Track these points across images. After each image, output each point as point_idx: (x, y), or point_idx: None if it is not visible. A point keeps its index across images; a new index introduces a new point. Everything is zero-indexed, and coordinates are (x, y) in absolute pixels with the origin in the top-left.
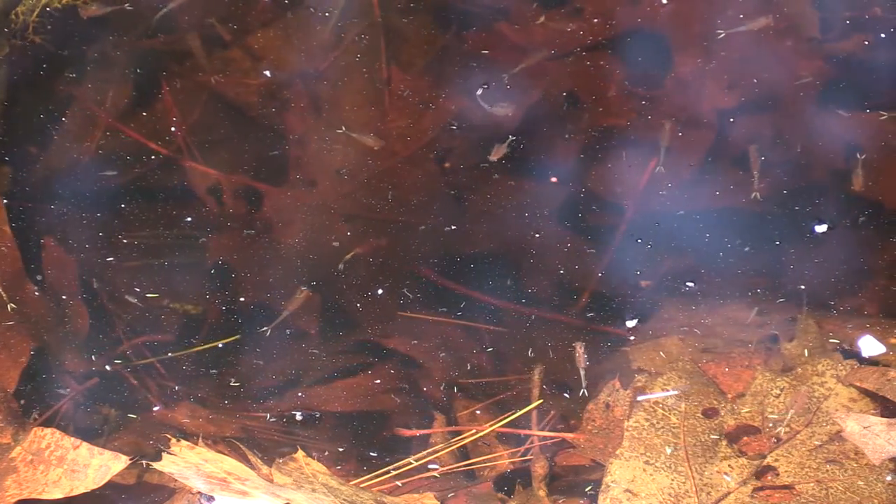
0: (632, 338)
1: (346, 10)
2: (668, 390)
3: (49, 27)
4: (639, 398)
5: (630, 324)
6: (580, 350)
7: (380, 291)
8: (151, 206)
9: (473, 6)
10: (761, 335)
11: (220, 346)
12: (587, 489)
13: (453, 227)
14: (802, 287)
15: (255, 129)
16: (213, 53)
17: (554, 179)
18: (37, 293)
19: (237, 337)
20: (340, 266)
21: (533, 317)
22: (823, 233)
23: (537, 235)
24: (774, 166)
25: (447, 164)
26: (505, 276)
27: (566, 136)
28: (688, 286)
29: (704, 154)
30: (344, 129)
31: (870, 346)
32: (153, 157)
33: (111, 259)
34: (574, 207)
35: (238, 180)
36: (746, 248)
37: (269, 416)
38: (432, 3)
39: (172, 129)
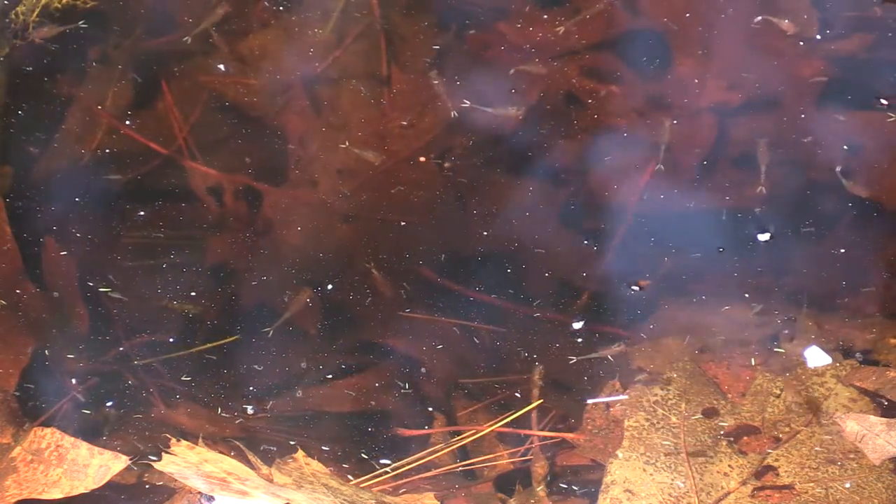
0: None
1: (346, 10)
2: (619, 394)
3: (49, 27)
4: (588, 401)
5: (576, 325)
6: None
7: (380, 291)
8: (151, 206)
9: (473, 6)
10: (761, 335)
11: (220, 346)
12: (587, 489)
13: (453, 227)
14: (803, 287)
15: (255, 129)
16: (213, 53)
17: (554, 179)
18: (37, 293)
19: (237, 337)
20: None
21: (533, 317)
22: (766, 241)
23: (537, 235)
24: (776, 165)
25: (447, 164)
26: (505, 275)
27: (566, 135)
28: (688, 286)
29: (706, 152)
30: (347, 143)
31: (815, 356)
32: (153, 157)
33: (111, 259)
34: (574, 207)
35: (238, 180)
36: (747, 248)
37: (269, 416)
38: (432, 2)
39: (173, 129)
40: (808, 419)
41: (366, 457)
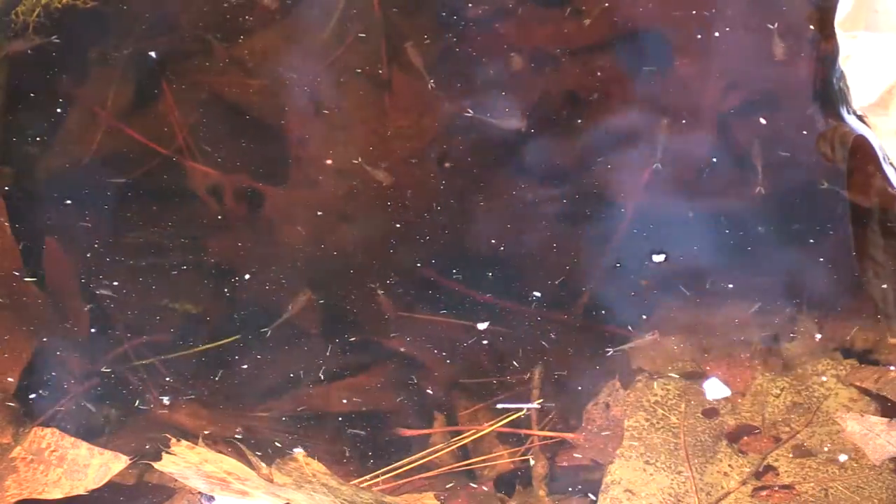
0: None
1: (346, 10)
2: (529, 403)
3: (49, 27)
4: (497, 405)
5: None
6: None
7: (380, 291)
8: (152, 206)
9: (474, 6)
10: (761, 335)
11: (220, 346)
12: (587, 489)
13: (453, 227)
14: (803, 287)
15: (255, 129)
16: (213, 53)
17: (554, 178)
18: (37, 293)
19: (237, 337)
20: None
21: (533, 317)
22: (661, 262)
23: (537, 235)
24: (774, 165)
25: (447, 164)
26: (505, 275)
27: (566, 135)
28: (688, 286)
29: (705, 152)
30: (360, 159)
31: (714, 388)
32: (153, 157)
33: (111, 259)
34: (574, 207)
35: (238, 180)
36: (748, 247)
37: (269, 415)
38: (432, 3)
39: (173, 129)
40: (808, 419)
41: (366, 457)
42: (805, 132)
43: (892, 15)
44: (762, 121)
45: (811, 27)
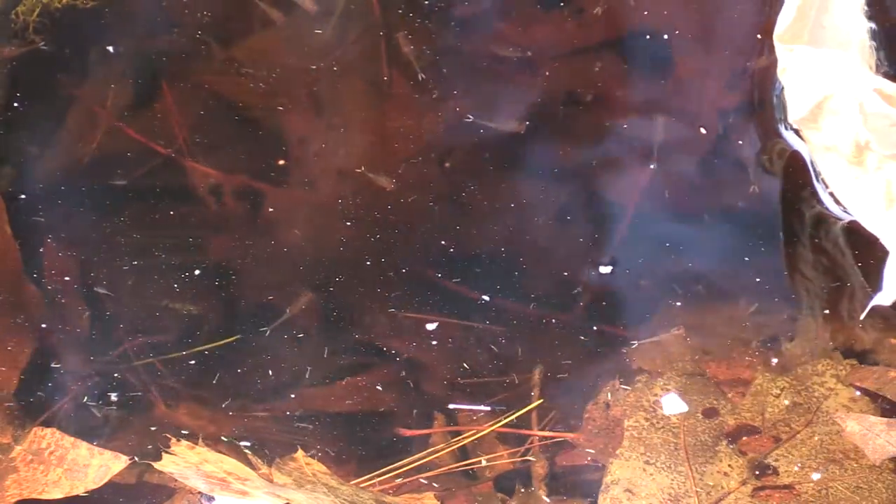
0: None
1: (346, 11)
2: (481, 405)
3: (49, 27)
4: (450, 406)
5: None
6: None
7: (380, 291)
8: (152, 206)
9: (474, 6)
10: (761, 335)
11: (221, 346)
12: (587, 489)
13: (454, 227)
14: (803, 287)
15: (255, 129)
16: (213, 54)
17: (555, 179)
18: (37, 293)
19: (237, 337)
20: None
21: (533, 317)
22: (608, 273)
23: (537, 235)
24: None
25: (447, 164)
26: (505, 275)
27: (566, 135)
28: (688, 286)
29: (702, 152)
30: (363, 168)
31: (672, 403)
32: (153, 157)
33: (111, 259)
34: (574, 207)
35: (238, 180)
36: (747, 247)
37: (269, 415)
38: (432, 3)
39: (173, 129)
40: (808, 419)
41: (366, 457)
42: (741, 142)
43: (839, 31)
44: (703, 130)
45: (758, 36)
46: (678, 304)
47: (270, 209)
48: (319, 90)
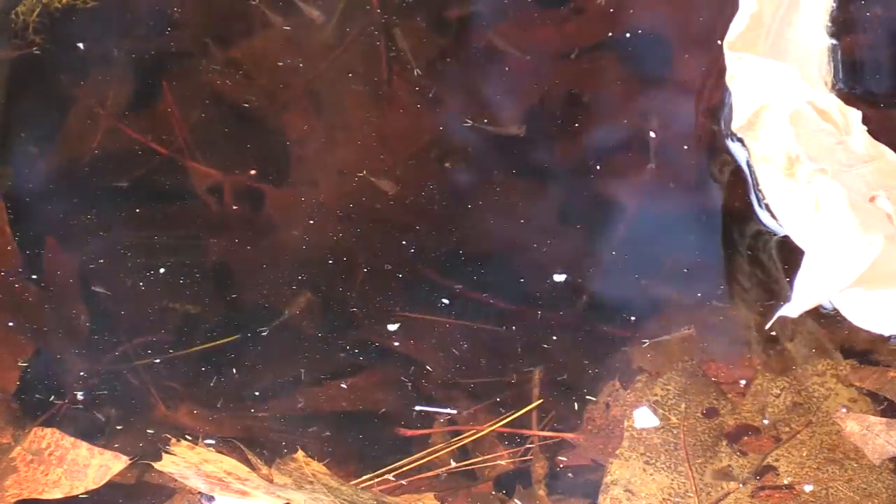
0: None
1: (346, 11)
2: (445, 408)
3: (49, 27)
4: (416, 407)
5: (392, 327)
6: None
7: (380, 291)
8: (152, 206)
9: (474, 6)
10: (761, 335)
11: (221, 346)
12: (587, 489)
13: (453, 227)
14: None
15: (255, 129)
16: (213, 54)
17: (554, 178)
18: (37, 293)
19: (237, 337)
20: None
21: (533, 317)
22: (562, 282)
23: (537, 235)
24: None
25: (447, 164)
26: (505, 275)
27: (566, 135)
28: (688, 285)
29: (702, 152)
30: (365, 172)
31: (644, 417)
32: (153, 157)
33: (111, 259)
34: (574, 206)
35: (238, 180)
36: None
37: (269, 415)
38: (432, 3)
39: (173, 129)
40: (808, 419)
41: (366, 457)
42: (686, 147)
43: (799, 45)
44: (652, 134)
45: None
46: (678, 303)
47: (270, 209)
48: (319, 90)
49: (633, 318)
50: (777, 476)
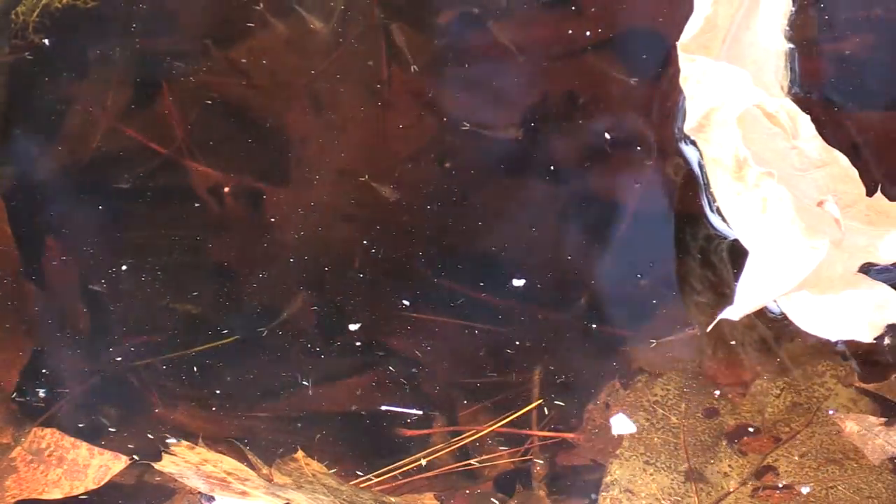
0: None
1: (346, 11)
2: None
3: (49, 27)
4: (386, 407)
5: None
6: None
7: (380, 291)
8: (151, 206)
9: (474, 6)
10: (762, 335)
11: (221, 346)
12: (587, 489)
13: (453, 227)
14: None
15: (255, 129)
16: (213, 54)
17: (553, 178)
18: (37, 293)
19: (237, 337)
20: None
21: (533, 316)
22: (521, 287)
23: (537, 235)
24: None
25: (447, 164)
26: (505, 275)
27: (565, 135)
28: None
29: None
30: (366, 177)
31: (620, 423)
32: (153, 157)
33: (111, 259)
34: (574, 206)
35: (238, 180)
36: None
37: (268, 416)
38: (432, 3)
39: (173, 129)
40: (808, 419)
41: (366, 457)
42: (639, 148)
43: (757, 48)
44: (607, 136)
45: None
46: (678, 303)
47: (270, 209)
48: (319, 90)
49: (633, 319)
50: (777, 476)
